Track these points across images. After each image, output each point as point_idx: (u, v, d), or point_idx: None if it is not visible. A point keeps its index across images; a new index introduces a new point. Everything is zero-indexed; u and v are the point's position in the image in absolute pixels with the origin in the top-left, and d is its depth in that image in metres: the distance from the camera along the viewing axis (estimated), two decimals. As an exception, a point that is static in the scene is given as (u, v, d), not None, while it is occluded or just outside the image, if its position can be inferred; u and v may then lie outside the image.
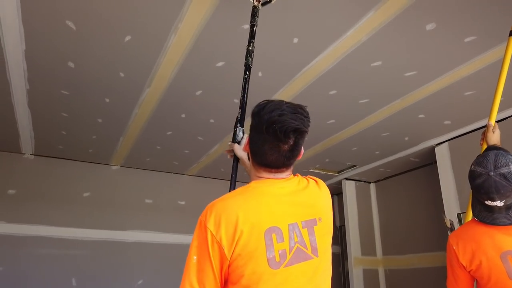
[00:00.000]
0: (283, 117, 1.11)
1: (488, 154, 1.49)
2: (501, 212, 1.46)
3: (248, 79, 1.74)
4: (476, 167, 1.49)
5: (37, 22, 2.32)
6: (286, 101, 1.18)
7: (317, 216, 1.17)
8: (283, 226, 1.10)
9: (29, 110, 3.42)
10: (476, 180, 1.47)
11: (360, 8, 2.20)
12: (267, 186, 1.16)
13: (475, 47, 2.51)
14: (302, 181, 1.23)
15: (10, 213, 4.24)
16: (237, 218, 1.06)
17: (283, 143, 1.12)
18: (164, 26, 2.36)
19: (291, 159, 1.17)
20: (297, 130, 1.12)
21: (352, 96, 3.17)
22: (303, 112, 1.16)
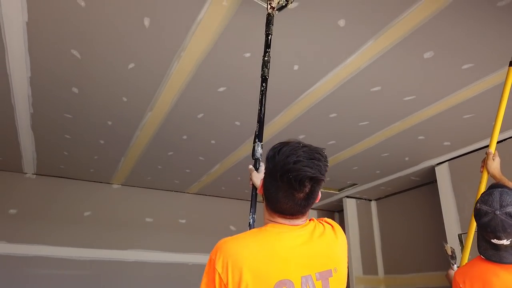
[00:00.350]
0: (298, 165, 1.05)
1: (493, 192, 1.49)
2: (507, 250, 1.46)
3: (265, 91, 1.66)
4: (482, 206, 1.49)
5: (43, 51, 2.36)
6: (302, 144, 1.12)
7: (332, 266, 1.10)
8: (295, 279, 1.04)
9: (32, 133, 3.45)
10: (483, 219, 1.47)
11: (359, 37, 2.25)
12: (281, 234, 1.10)
13: (472, 74, 2.55)
14: (318, 227, 1.16)
15: (11, 232, 4.24)
16: (243, 268, 1.02)
17: (298, 192, 1.06)
18: (167, 55, 2.40)
19: (306, 207, 1.10)
20: (313, 179, 1.06)
21: (352, 118, 3.20)
22: (320, 158, 1.08)
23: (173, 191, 5.17)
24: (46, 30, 2.19)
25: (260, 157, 1.52)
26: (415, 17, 2.07)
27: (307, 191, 1.07)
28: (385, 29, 2.17)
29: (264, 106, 1.62)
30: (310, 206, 1.11)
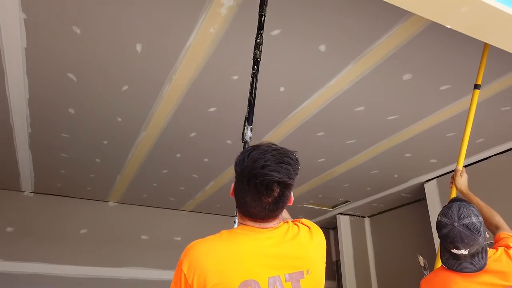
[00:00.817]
0: (265, 169, 1.04)
1: (452, 205, 1.59)
2: (466, 260, 1.55)
3: (256, 74, 1.64)
4: (442, 218, 1.59)
5: (40, 74, 2.49)
6: (273, 147, 1.10)
7: (305, 268, 1.09)
8: (261, 279, 1.04)
9: (30, 152, 3.56)
10: (442, 230, 1.56)
11: (340, 61, 2.38)
12: (249, 235, 1.10)
13: (450, 94, 2.67)
14: (292, 229, 1.15)
15: (8, 250, 4.29)
16: (207, 270, 1.03)
17: (265, 196, 1.06)
18: (159, 78, 2.53)
19: (276, 211, 1.10)
20: (280, 183, 1.05)
21: (339, 137, 3.31)
22: (290, 161, 1.07)
23: (169, 208, 5.24)
24: (44, 55, 2.32)
25: (249, 140, 1.53)
26: (390, 43, 2.20)
27: (275, 196, 1.06)
28: (363, 54, 2.30)
29: (255, 89, 1.60)
30: (281, 209, 1.11)
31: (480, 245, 1.53)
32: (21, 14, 2.02)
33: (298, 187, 4.46)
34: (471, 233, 1.51)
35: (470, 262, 1.54)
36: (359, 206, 5.12)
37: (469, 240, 1.51)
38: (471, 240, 1.51)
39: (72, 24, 2.09)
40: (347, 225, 5.48)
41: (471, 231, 1.51)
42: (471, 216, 1.53)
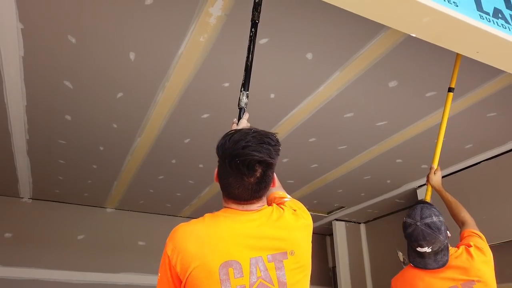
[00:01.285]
0: (246, 150, 1.06)
1: (416, 207, 1.78)
2: (430, 257, 1.69)
3: (254, 36, 1.59)
4: (406, 219, 1.76)
5: (38, 82, 2.57)
6: (254, 129, 1.14)
7: (288, 249, 1.09)
8: (243, 260, 1.04)
9: (28, 158, 3.63)
10: (407, 230, 1.72)
11: (327, 69, 2.46)
12: (230, 218, 1.11)
13: (436, 101, 2.74)
14: (276, 211, 1.15)
15: (6, 256, 4.34)
16: (189, 252, 1.06)
17: (247, 176, 1.07)
18: (152, 85, 2.61)
19: (259, 191, 1.11)
20: (262, 162, 1.07)
21: (331, 143, 3.38)
22: (270, 142, 1.10)
23: (165, 214, 5.29)
24: (41, 63, 2.40)
25: (245, 106, 1.55)
26: (374, 51, 2.28)
27: (257, 176, 1.08)
28: (349, 61, 2.37)
29: (252, 53, 1.57)
30: (264, 190, 1.13)
31: (442, 242, 1.68)
32: (19, 24, 2.11)
33: (293, 193, 4.51)
34: (432, 231, 1.66)
35: (434, 259, 1.69)
36: (354, 212, 5.17)
37: (431, 238, 1.66)
38: (432, 238, 1.66)
39: (67, 34, 2.18)
40: (342, 231, 5.52)
41: (432, 230, 1.66)
42: (432, 216, 1.70)
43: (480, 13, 1.32)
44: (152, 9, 2.01)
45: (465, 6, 1.28)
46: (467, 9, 1.28)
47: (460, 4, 1.27)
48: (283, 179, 4.06)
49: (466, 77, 2.49)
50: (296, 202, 1.27)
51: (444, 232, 1.69)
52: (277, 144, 1.14)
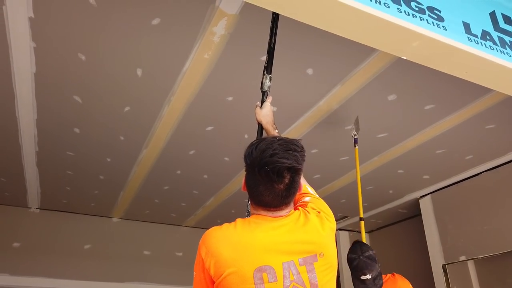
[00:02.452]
0: (274, 157, 1.09)
1: (356, 244, 2.31)
2: (370, 283, 2.14)
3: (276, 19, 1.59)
4: (350, 255, 2.23)
5: (48, 97, 2.67)
6: (279, 137, 1.17)
7: (317, 251, 1.12)
8: (276, 265, 1.07)
9: (37, 169, 3.72)
10: (353, 263, 2.18)
11: (327, 83, 2.53)
12: (262, 224, 1.14)
13: (435, 114, 2.81)
14: (303, 215, 1.18)
15: (14, 265, 4.42)
16: (224, 258, 1.08)
17: (277, 183, 1.10)
18: (158, 100, 2.70)
19: (288, 197, 1.14)
20: (290, 169, 1.10)
21: (332, 154, 3.44)
22: (296, 148, 1.14)
23: (170, 224, 5.35)
24: (52, 79, 2.50)
25: (268, 89, 1.55)
26: (373, 66, 2.35)
27: (286, 182, 1.12)
28: (349, 76, 2.45)
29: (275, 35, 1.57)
30: (293, 196, 1.16)
31: (377, 270, 2.17)
32: (31, 43, 2.21)
33: (296, 203, 4.56)
34: (371, 262, 2.16)
35: (374, 284, 2.14)
36: (358, 222, 5.18)
37: (371, 267, 2.14)
38: (372, 267, 2.14)
39: (78, 52, 2.27)
40: (346, 241, 5.54)
41: (371, 260, 2.17)
42: (369, 250, 2.21)
43: (468, 35, 1.38)
44: (158, 29, 2.11)
45: (454, 30, 1.35)
46: (455, 33, 1.35)
47: (449, 28, 1.34)
48: (286, 189, 4.13)
49: (465, 90, 2.55)
50: (318, 201, 1.29)
51: (377, 262, 2.20)
52: (303, 150, 1.18)
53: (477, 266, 3.73)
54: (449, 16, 1.39)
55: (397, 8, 1.29)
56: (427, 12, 1.35)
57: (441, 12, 1.38)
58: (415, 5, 1.33)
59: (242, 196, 4.36)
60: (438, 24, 1.33)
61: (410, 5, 1.33)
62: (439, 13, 1.38)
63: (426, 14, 1.34)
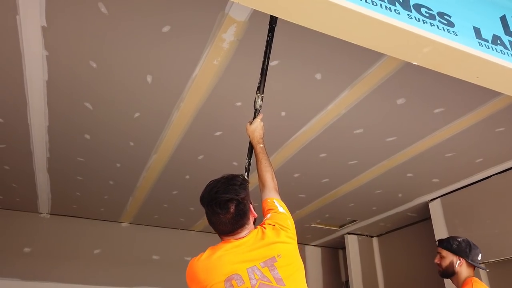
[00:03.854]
0: (217, 194, 1.35)
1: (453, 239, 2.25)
2: None
3: (270, 41, 1.69)
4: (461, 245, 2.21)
5: (60, 104, 2.71)
6: (225, 176, 1.43)
7: (275, 254, 1.33)
8: (242, 271, 1.28)
9: (48, 175, 3.76)
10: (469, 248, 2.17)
11: (336, 88, 2.54)
12: (227, 246, 1.37)
13: (444, 117, 2.80)
14: (260, 232, 1.39)
15: (25, 270, 4.46)
16: (201, 279, 1.32)
17: (223, 214, 1.35)
18: (168, 106, 2.72)
19: (238, 222, 1.36)
20: (230, 200, 1.34)
21: (341, 158, 3.44)
22: (236, 183, 1.38)
23: (179, 229, 5.37)
24: (63, 87, 2.53)
25: (260, 108, 1.71)
26: (382, 70, 2.36)
27: (232, 211, 1.34)
28: (357, 81, 2.46)
29: (268, 57, 1.68)
30: (243, 220, 1.37)
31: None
32: (44, 51, 2.25)
33: (304, 207, 4.56)
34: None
35: None
36: (367, 225, 5.18)
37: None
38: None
39: (89, 59, 2.31)
40: (355, 245, 5.52)
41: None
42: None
43: (479, 40, 1.39)
44: (169, 36, 2.13)
45: (465, 35, 1.36)
46: (466, 38, 1.35)
47: (460, 33, 1.35)
48: (294, 193, 4.14)
49: (474, 93, 2.55)
50: (276, 215, 1.47)
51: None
52: (243, 183, 1.40)
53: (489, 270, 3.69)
54: (459, 21, 1.40)
55: (408, 14, 1.30)
56: (437, 17, 1.36)
57: (452, 18, 1.39)
58: (425, 11, 1.34)
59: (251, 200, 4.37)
60: (448, 29, 1.34)
61: (420, 11, 1.34)
62: (450, 19, 1.39)
63: (437, 19, 1.35)
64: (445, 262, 2.20)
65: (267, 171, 1.64)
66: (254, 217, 1.46)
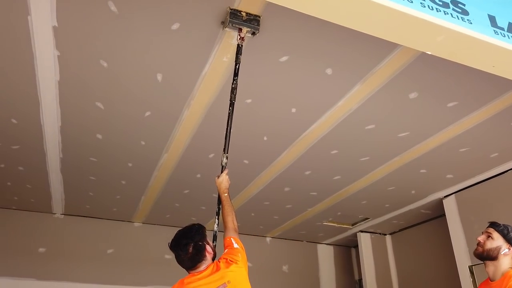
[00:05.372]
0: (178, 240, 1.80)
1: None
2: None
3: (231, 113, 2.11)
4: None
5: (72, 104, 2.73)
6: (186, 226, 1.85)
7: (225, 281, 1.71)
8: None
9: (61, 175, 3.80)
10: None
11: (346, 83, 2.51)
12: (191, 277, 1.77)
13: (458, 111, 2.75)
14: (215, 266, 1.78)
15: (40, 270, 4.52)
16: None
17: (184, 255, 1.77)
18: (178, 104, 2.73)
19: (194, 261, 1.76)
20: (186, 245, 1.75)
21: (353, 155, 3.40)
22: (192, 230, 1.82)
23: (191, 228, 5.37)
24: (75, 86, 2.56)
25: (225, 165, 2.13)
26: (394, 64, 2.32)
27: (190, 252, 1.75)
28: (368, 76, 2.43)
29: (230, 126, 2.08)
30: (199, 257, 1.76)
31: None
32: (55, 51, 2.27)
33: (316, 205, 4.53)
34: None
35: None
36: (379, 223, 5.12)
37: None
38: None
39: (100, 59, 2.32)
40: (368, 243, 5.46)
41: None
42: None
43: (494, 28, 1.35)
44: (178, 33, 2.13)
45: (479, 23, 1.32)
46: (481, 26, 1.32)
47: (474, 21, 1.31)
48: (305, 191, 4.11)
49: (489, 85, 2.50)
50: (231, 250, 1.86)
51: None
52: (199, 229, 1.84)
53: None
54: (473, 10, 1.37)
55: (421, 2, 1.27)
56: (451, 6, 1.33)
57: (466, 6, 1.36)
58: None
59: (261, 199, 4.37)
60: (462, 17, 1.30)
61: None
62: (464, 7, 1.36)
63: (450, 8, 1.32)
64: (492, 244, 2.02)
65: (229, 215, 2.04)
66: (210, 254, 1.82)
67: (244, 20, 1.97)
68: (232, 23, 1.96)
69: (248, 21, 1.98)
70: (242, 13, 1.96)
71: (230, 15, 1.95)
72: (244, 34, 2.05)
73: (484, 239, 2.04)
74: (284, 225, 5.28)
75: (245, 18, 1.97)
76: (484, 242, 2.04)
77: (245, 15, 1.97)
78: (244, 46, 2.16)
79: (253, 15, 1.99)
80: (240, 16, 1.96)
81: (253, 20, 1.99)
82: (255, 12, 1.97)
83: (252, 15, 1.99)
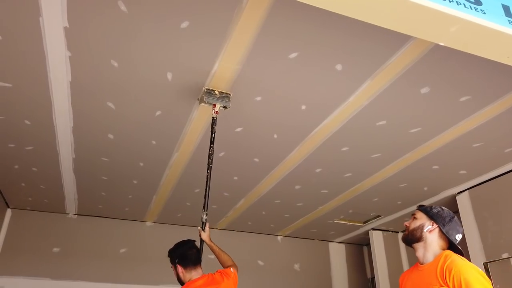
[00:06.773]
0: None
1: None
2: None
3: (209, 176, 2.48)
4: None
5: (83, 104, 2.76)
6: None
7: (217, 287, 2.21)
8: None
9: (74, 176, 3.85)
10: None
11: (357, 79, 2.49)
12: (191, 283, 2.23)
13: (471, 105, 2.71)
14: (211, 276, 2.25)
15: (55, 270, 4.59)
16: None
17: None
18: (189, 102, 2.73)
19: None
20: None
21: (364, 151, 3.38)
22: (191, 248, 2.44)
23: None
24: (86, 87, 2.58)
25: (205, 221, 2.45)
26: (404, 58, 2.30)
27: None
28: (379, 70, 2.40)
29: (208, 186, 2.48)
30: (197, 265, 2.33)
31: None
32: (67, 52, 2.29)
33: (327, 203, 4.52)
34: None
35: None
36: (392, 220, 5.08)
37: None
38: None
39: (110, 59, 2.34)
40: (380, 241, 5.43)
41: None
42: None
43: (509, 18, 1.33)
44: (187, 31, 2.14)
45: (493, 13, 1.30)
46: (495, 16, 1.30)
47: (488, 11, 1.29)
48: (316, 189, 4.10)
49: (502, 79, 2.46)
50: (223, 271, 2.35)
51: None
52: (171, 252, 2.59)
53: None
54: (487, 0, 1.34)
55: (432, -7, 1.26)
56: (463, -4, 1.31)
57: (478, -4, 1.34)
58: (451, -10, 1.29)
59: (272, 197, 4.37)
60: (476, 8, 1.28)
61: (445, -10, 1.29)
62: (476, -3, 1.33)
63: (463, -2, 1.30)
64: (415, 224, 1.83)
65: (228, 258, 2.52)
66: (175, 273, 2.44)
67: (217, 97, 2.51)
68: (208, 100, 2.50)
69: (220, 98, 2.52)
70: (216, 92, 2.51)
71: (206, 94, 2.49)
72: (218, 109, 2.53)
73: (409, 222, 1.87)
74: (295, 224, 5.27)
75: (218, 96, 2.51)
76: (409, 224, 1.87)
77: (218, 93, 2.51)
78: (252, 46, 2.18)
79: (225, 93, 2.54)
80: (214, 94, 2.51)
81: (224, 97, 2.54)
82: (225, 90, 2.53)
83: (224, 93, 2.54)
